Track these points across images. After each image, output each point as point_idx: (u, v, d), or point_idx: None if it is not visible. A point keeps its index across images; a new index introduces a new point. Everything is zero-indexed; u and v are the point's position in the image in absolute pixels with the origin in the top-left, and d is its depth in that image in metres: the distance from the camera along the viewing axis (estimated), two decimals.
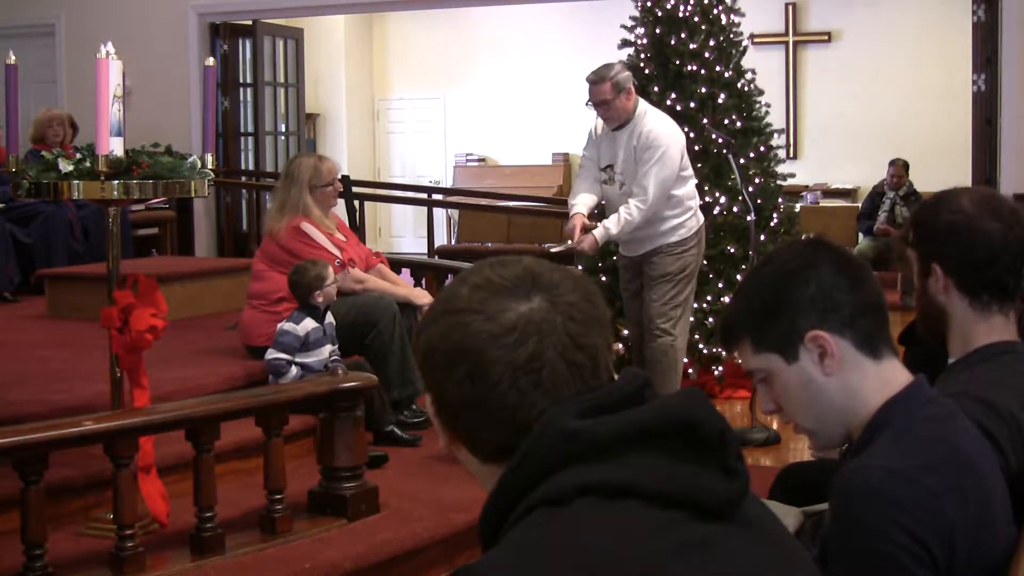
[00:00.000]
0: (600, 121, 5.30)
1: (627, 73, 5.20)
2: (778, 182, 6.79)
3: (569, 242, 5.26)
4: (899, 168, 10.42)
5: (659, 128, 5.15)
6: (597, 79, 5.14)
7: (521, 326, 1.25)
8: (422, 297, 5.20)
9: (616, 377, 1.30)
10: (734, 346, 1.81)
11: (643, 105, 5.26)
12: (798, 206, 7.83)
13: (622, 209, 5.12)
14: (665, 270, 5.25)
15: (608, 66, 5.18)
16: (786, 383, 1.76)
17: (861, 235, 10.36)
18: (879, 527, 1.59)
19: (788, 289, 1.74)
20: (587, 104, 5.22)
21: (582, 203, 5.29)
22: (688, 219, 5.26)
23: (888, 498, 1.60)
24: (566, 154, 13.36)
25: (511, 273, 1.29)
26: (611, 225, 5.11)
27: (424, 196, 10.68)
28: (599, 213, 5.50)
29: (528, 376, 1.24)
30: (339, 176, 5.44)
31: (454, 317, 1.27)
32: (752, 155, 6.62)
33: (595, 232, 5.11)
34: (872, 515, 1.60)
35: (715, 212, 6.29)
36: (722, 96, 6.54)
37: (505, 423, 1.25)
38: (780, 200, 6.76)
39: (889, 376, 1.74)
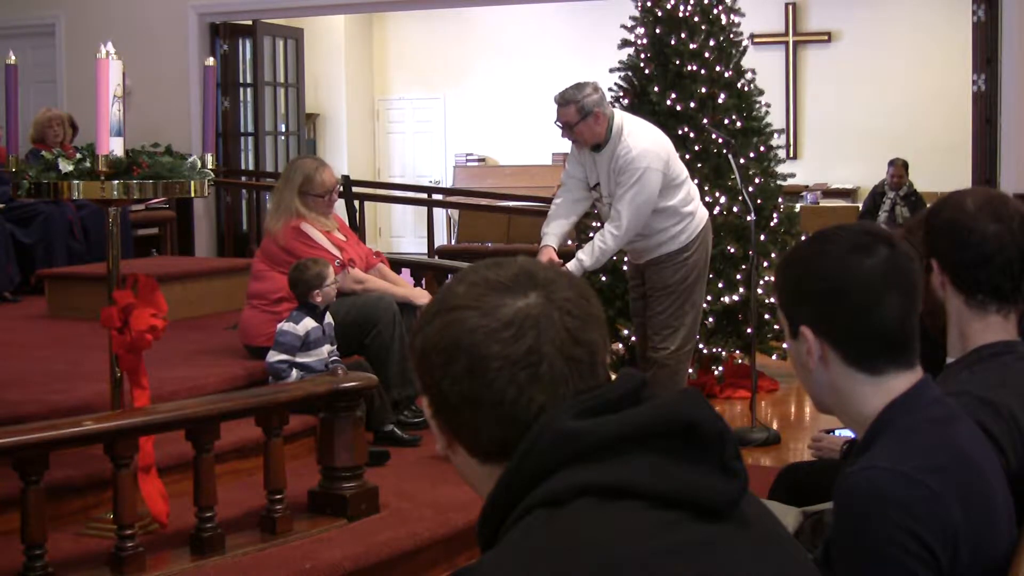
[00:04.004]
0: None
1: (597, 96, 4.92)
2: (778, 182, 6.79)
3: None
4: (899, 168, 10.43)
5: (637, 148, 4.89)
6: (562, 101, 4.91)
7: (519, 321, 1.25)
8: (422, 297, 5.19)
9: (613, 377, 1.30)
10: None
11: (620, 119, 4.99)
12: (798, 206, 7.84)
13: (596, 237, 4.97)
14: (666, 282, 5.11)
15: (579, 87, 4.92)
16: (789, 348, 1.83)
17: None
18: (882, 528, 1.59)
19: (808, 275, 1.75)
20: (555, 123, 5.01)
21: (554, 233, 5.11)
22: (687, 224, 5.09)
23: (891, 499, 1.60)
24: (566, 154, 13.22)
25: (507, 272, 1.29)
26: (585, 257, 4.93)
27: (424, 196, 10.67)
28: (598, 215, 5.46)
29: (526, 370, 1.24)
30: (338, 187, 5.34)
31: (450, 314, 1.27)
32: (752, 155, 6.62)
33: (569, 265, 4.88)
34: (875, 517, 1.60)
35: (715, 212, 6.29)
36: (722, 96, 6.54)
37: (504, 419, 1.25)
38: (780, 200, 6.77)
39: (890, 388, 1.73)
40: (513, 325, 1.24)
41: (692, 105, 6.47)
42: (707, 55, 6.54)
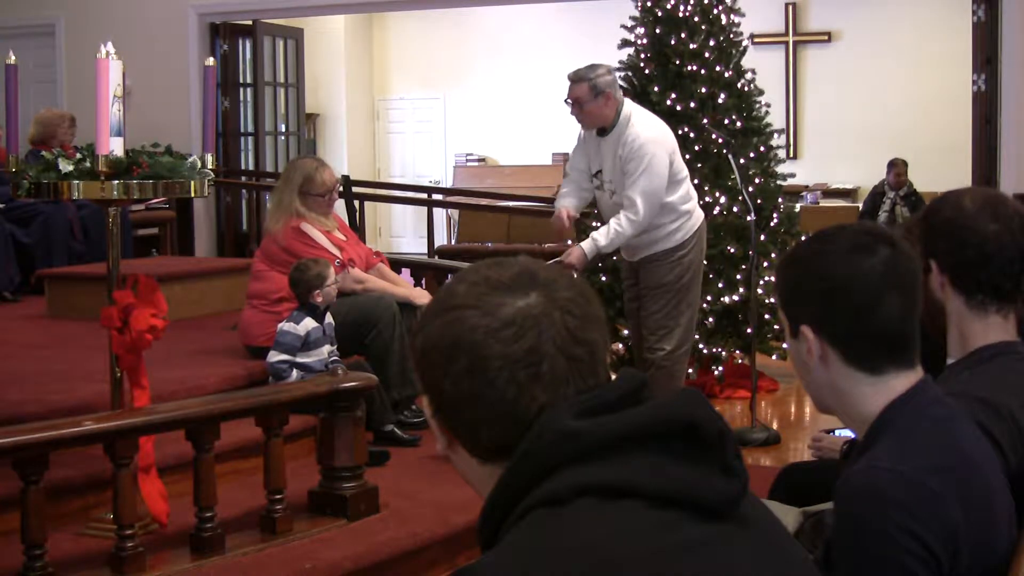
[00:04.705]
0: None
1: (611, 78, 5.00)
2: (778, 182, 6.79)
3: (559, 259, 4.98)
4: (899, 168, 10.43)
5: (645, 135, 4.94)
6: (576, 78, 4.99)
7: (519, 320, 1.25)
8: (422, 297, 5.19)
9: (613, 377, 1.30)
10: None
11: (628, 108, 5.05)
12: (798, 206, 7.84)
13: (612, 221, 4.96)
14: (661, 280, 5.11)
15: (593, 67, 5.01)
16: (789, 347, 1.84)
17: None
18: (882, 529, 1.59)
19: (808, 275, 1.76)
20: (565, 101, 5.06)
21: (568, 201, 5.19)
22: (684, 223, 5.10)
23: (891, 500, 1.60)
24: (566, 154, 13.20)
25: (508, 271, 1.30)
26: (600, 237, 4.94)
27: (424, 196, 10.68)
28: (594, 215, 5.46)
29: (527, 369, 1.24)
30: (338, 187, 5.35)
31: (451, 313, 1.27)
32: (752, 155, 6.62)
33: (583, 244, 4.94)
34: (875, 517, 1.60)
35: (715, 212, 6.29)
36: (722, 96, 6.54)
37: (504, 419, 1.25)
38: (780, 200, 6.77)
39: (890, 387, 1.73)
40: (514, 324, 1.25)
41: (692, 105, 6.47)
42: (707, 55, 6.54)
